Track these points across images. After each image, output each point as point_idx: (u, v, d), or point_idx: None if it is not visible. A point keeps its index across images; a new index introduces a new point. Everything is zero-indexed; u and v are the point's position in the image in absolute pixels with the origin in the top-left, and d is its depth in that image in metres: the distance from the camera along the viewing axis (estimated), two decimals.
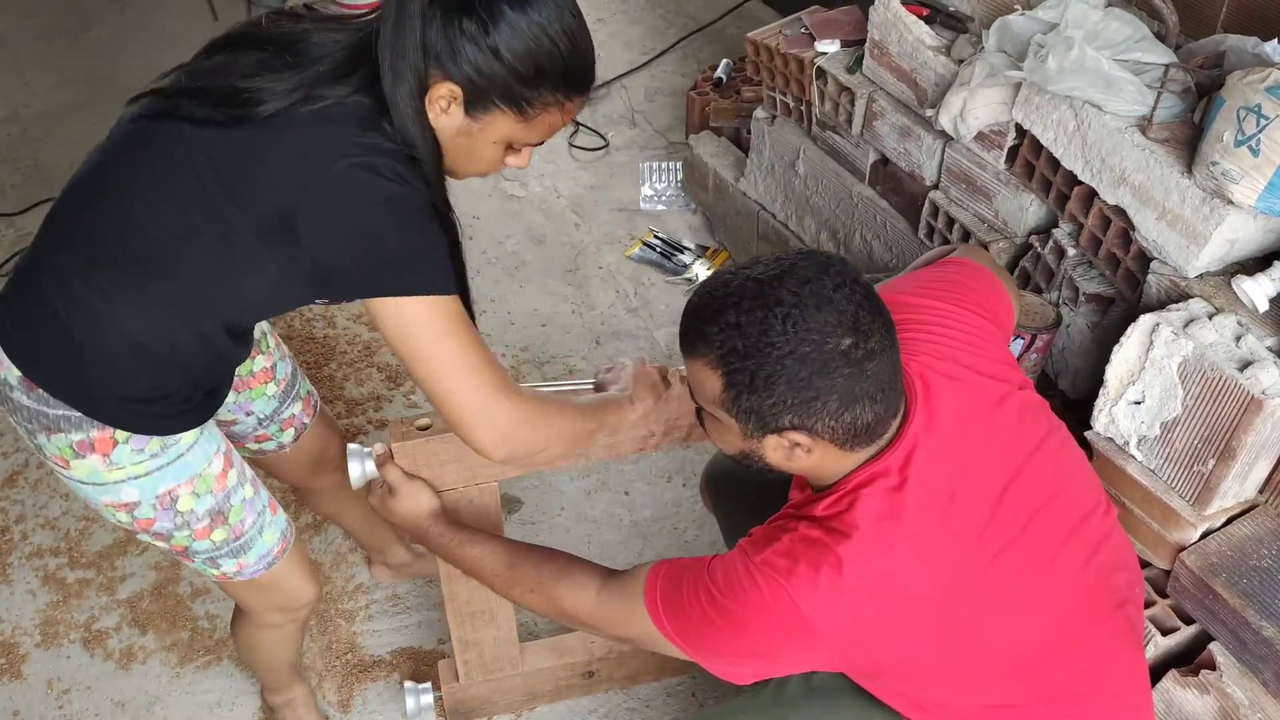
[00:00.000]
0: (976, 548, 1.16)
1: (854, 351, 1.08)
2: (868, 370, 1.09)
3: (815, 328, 1.07)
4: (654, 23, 3.87)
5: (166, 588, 2.11)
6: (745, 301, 1.09)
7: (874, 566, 1.12)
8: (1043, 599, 1.20)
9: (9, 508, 2.27)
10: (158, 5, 3.99)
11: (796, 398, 1.08)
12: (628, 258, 2.89)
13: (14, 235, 2.97)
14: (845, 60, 2.25)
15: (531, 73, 1.16)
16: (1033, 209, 1.89)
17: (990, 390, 1.23)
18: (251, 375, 1.56)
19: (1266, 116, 1.39)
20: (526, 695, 1.88)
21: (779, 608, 1.12)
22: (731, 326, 1.09)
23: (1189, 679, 1.50)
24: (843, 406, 1.09)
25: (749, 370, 1.08)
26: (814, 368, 1.07)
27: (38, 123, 3.44)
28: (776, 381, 1.08)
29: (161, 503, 1.34)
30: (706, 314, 1.11)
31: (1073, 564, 1.22)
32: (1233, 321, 1.47)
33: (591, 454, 1.54)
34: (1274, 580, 1.45)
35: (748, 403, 1.10)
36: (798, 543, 1.14)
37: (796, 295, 1.08)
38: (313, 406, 1.70)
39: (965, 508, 1.16)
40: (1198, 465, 1.47)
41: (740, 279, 1.11)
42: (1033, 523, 1.19)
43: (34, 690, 1.96)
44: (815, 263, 1.11)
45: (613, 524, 2.23)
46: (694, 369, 1.14)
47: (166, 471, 1.33)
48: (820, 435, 1.11)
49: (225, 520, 1.40)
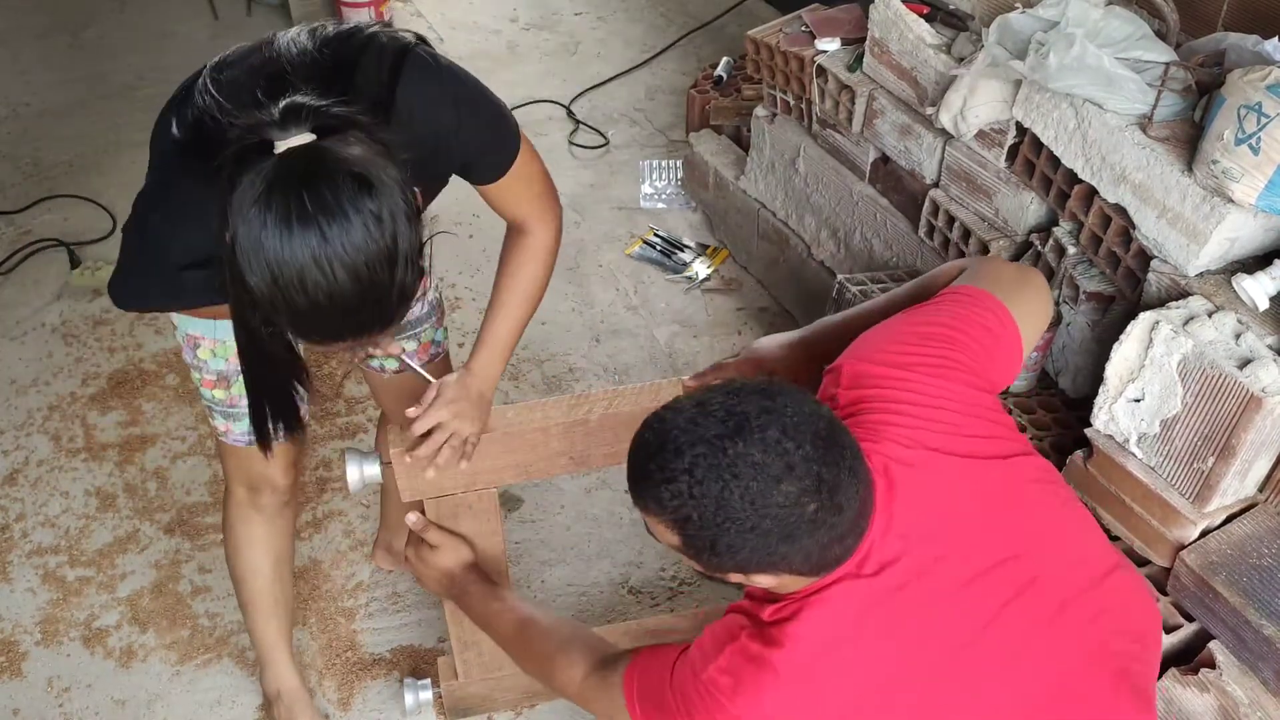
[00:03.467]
0: (927, 643, 1.09)
1: (819, 514, 1.02)
2: (834, 524, 1.03)
3: (778, 501, 1.00)
4: (654, 21, 3.86)
5: (166, 586, 2.11)
6: (698, 470, 1.01)
7: (810, 684, 1.07)
8: (1021, 681, 1.12)
9: (9, 506, 2.27)
10: (158, 3, 3.99)
11: (762, 558, 1.03)
12: (628, 256, 2.89)
13: (14, 233, 2.97)
14: (846, 58, 2.25)
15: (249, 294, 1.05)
16: (1033, 207, 1.89)
17: (965, 471, 1.15)
18: None
19: (1267, 115, 1.39)
20: (525, 693, 1.88)
21: None
22: (684, 495, 1.01)
23: (1189, 677, 1.50)
24: (807, 554, 1.04)
25: (707, 539, 1.03)
26: (778, 537, 1.01)
27: (38, 121, 3.43)
28: (738, 550, 1.03)
29: (188, 341, 1.49)
30: (656, 476, 1.03)
31: (1059, 640, 1.13)
32: (1232, 319, 1.47)
33: (592, 463, 1.54)
34: (1274, 579, 1.45)
35: (709, 561, 1.06)
36: (738, 657, 1.10)
37: (754, 467, 1.00)
38: (429, 355, 1.71)
39: (926, 597, 1.09)
40: (1197, 463, 1.47)
41: (690, 438, 1.02)
42: (1012, 604, 1.11)
43: (34, 688, 1.96)
44: (772, 415, 1.02)
45: (613, 522, 2.23)
46: (648, 519, 1.08)
47: (199, 323, 1.46)
48: (784, 573, 1.06)
49: (227, 387, 1.52)
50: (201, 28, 3.86)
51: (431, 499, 1.52)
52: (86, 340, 2.64)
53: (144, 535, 2.20)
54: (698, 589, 2.10)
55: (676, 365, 2.56)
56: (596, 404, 1.50)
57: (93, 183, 3.13)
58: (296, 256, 1.01)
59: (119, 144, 3.27)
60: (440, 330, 1.72)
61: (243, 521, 1.71)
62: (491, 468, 1.50)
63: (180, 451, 2.37)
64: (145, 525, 2.22)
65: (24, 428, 2.43)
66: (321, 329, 1.10)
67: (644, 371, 2.56)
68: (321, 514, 2.24)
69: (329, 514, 2.24)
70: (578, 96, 3.45)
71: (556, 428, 1.49)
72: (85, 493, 2.29)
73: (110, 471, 2.33)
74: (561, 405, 1.51)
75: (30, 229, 2.97)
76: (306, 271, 1.01)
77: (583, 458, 1.52)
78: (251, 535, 1.73)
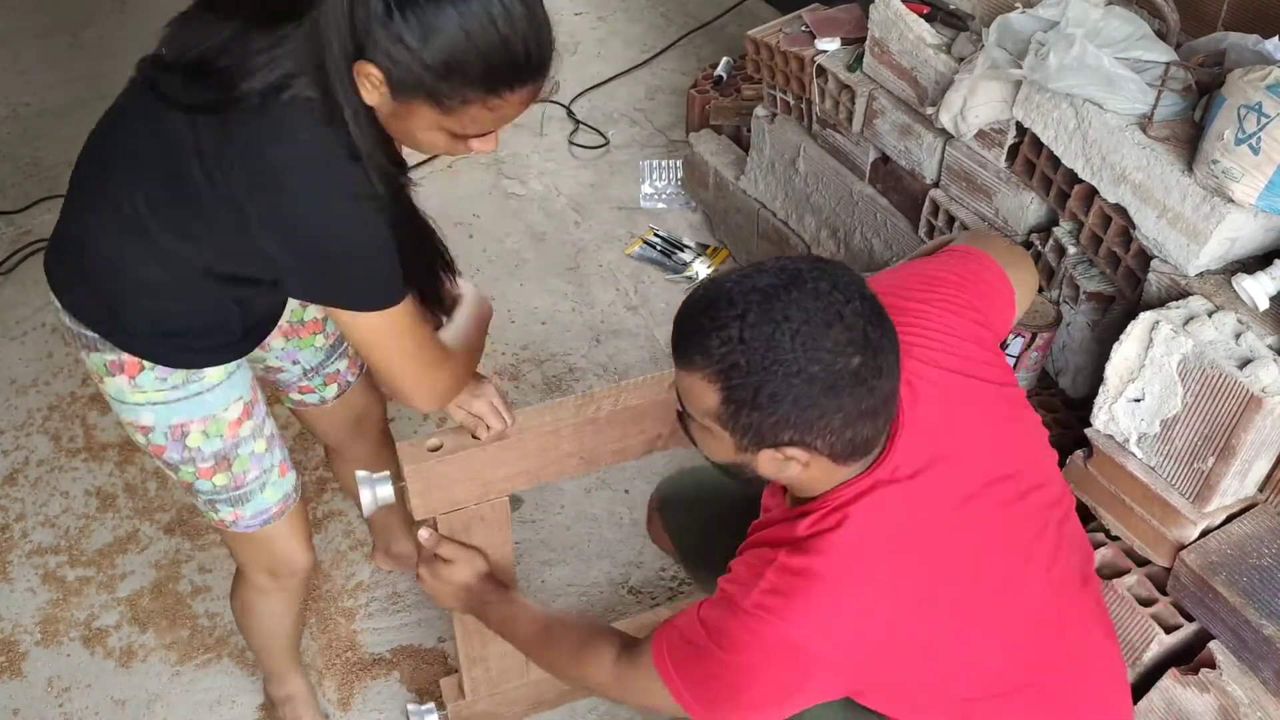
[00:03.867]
0: (959, 547, 1.15)
1: (863, 370, 1.04)
2: (874, 388, 1.06)
3: (826, 346, 1.03)
4: (654, 21, 3.86)
5: (166, 586, 2.11)
6: (750, 314, 1.04)
7: (861, 580, 1.10)
8: (1021, 591, 1.20)
9: (9, 506, 2.27)
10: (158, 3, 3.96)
11: (800, 416, 1.04)
12: (628, 256, 2.89)
13: (14, 233, 2.97)
14: (846, 58, 2.25)
15: (442, 68, 1.08)
16: (1033, 207, 1.89)
17: (974, 392, 1.22)
18: (302, 324, 1.58)
19: (1267, 115, 1.39)
20: (532, 704, 1.87)
21: (777, 648, 1.10)
22: (734, 341, 1.04)
23: (1189, 677, 1.50)
24: (846, 424, 1.06)
25: (752, 386, 1.04)
26: (822, 387, 1.03)
27: (38, 121, 3.43)
28: (781, 400, 1.04)
29: (172, 434, 1.38)
30: (706, 325, 1.06)
31: (1045, 553, 1.23)
32: (1232, 319, 1.47)
33: (601, 461, 1.54)
34: (1274, 578, 1.45)
35: (746, 419, 1.06)
36: (781, 575, 1.11)
37: (806, 311, 1.03)
38: (359, 366, 1.71)
39: (947, 509, 1.15)
40: (1197, 463, 1.47)
41: (744, 288, 1.05)
42: (1010, 517, 1.19)
43: (34, 688, 1.97)
44: (823, 273, 1.06)
45: (613, 522, 2.23)
46: (688, 380, 1.10)
47: (182, 405, 1.37)
48: (818, 451, 1.08)
49: (229, 467, 1.43)
50: None
51: (445, 514, 1.51)
52: None
53: (144, 535, 2.21)
54: (698, 590, 2.10)
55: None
56: (604, 400, 1.50)
57: None
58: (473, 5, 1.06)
59: None
60: None
61: (263, 598, 1.66)
62: (505, 475, 1.49)
63: None
64: (145, 525, 2.22)
65: (24, 428, 2.43)
66: (512, 67, 1.11)
67: (644, 371, 2.55)
68: (322, 514, 2.24)
69: (329, 514, 2.24)
70: (578, 96, 3.45)
71: (567, 429, 1.49)
72: (85, 493, 2.29)
73: (110, 471, 2.33)
74: (569, 406, 1.50)
75: (30, 229, 2.97)
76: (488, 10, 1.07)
77: (593, 457, 1.52)
78: (273, 609, 1.69)
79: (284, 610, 1.71)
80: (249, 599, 1.67)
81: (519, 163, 3.19)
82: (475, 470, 1.47)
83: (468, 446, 1.45)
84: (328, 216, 1.16)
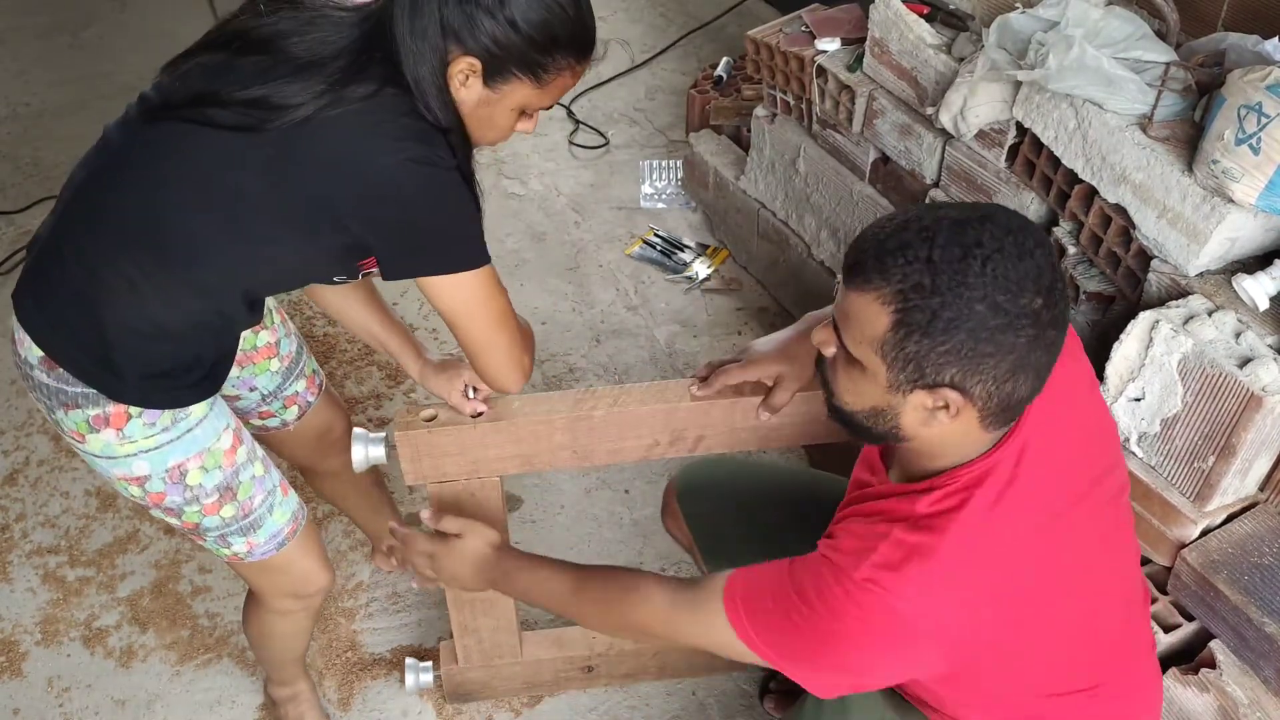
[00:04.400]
0: (1070, 544, 1.14)
1: (1043, 314, 1.00)
2: (1046, 338, 1.02)
3: (1015, 279, 0.99)
4: (654, 21, 3.87)
5: (166, 586, 2.11)
6: (940, 237, 1.00)
7: (977, 566, 1.08)
8: (1106, 589, 1.21)
9: (9, 506, 2.27)
10: (158, 3, 3.98)
11: (974, 349, 1.00)
12: (628, 256, 2.89)
13: (14, 233, 2.97)
14: (846, 58, 2.25)
15: (546, 40, 1.21)
16: (1033, 207, 1.89)
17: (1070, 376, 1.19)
18: (255, 350, 1.58)
19: (1267, 115, 1.39)
20: (525, 684, 1.89)
21: (885, 621, 1.08)
22: (922, 260, 0.99)
23: (1189, 677, 1.50)
24: (1010, 372, 1.02)
25: (932, 309, 0.99)
26: (1003, 321, 0.99)
27: (38, 121, 3.44)
28: (958, 327, 0.99)
29: (171, 476, 1.37)
30: (891, 245, 1.01)
31: (1124, 550, 1.24)
32: (1232, 318, 1.47)
33: (595, 459, 1.54)
34: (1275, 577, 1.45)
35: (916, 345, 1.01)
36: (899, 550, 1.09)
37: (999, 241, 0.99)
38: (317, 385, 1.72)
39: (1061, 498, 1.14)
40: (1198, 462, 1.48)
41: (932, 216, 1.02)
42: (1108, 516, 1.19)
43: (34, 688, 1.97)
44: (1015, 216, 1.03)
45: (613, 522, 2.23)
46: (858, 303, 1.04)
47: (176, 445, 1.36)
48: (974, 400, 1.03)
49: (234, 496, 1.42)
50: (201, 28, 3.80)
51: (435, 484, 1.52)
52: None
53: (144, 535, 2.21)
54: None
55: (677, 365, 2.57)
56: (601, 401, 1.50)
57: None
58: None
59: None
60: (312, 359, 1.72)
61: (285, 620, 1.65)
62: (496, 456, 1.51)
63: None
64: (145, 525, 2.22)
65: (24, 428, 2.43)
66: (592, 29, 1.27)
67: (644, 371, 2.56)
68: (322, 514, 2.24)
69: (329, 514, 2.24)
70: (578, 96, 3.45)
71: (561, 420, 1.49)
72: (85, 493, 2.29)
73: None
74: (567, 399, 1.51)
75: (30, 229, 2.97)
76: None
77: (586, 452, 1.52)
78: (293, 629, 1.69)
79: (303, 628, 1.71)
80: (268, 623, 1.66)
81: (519, 163, 3.20)
82: (466, 445, 1.48)
83: (460, 421, 1.47)
84: (418, 184, 1.20)
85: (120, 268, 1.26)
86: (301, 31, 1.24)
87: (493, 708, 1.91)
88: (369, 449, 1.51)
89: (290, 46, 1.22)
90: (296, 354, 1.66)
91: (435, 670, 1.86)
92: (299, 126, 1.18)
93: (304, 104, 1.18)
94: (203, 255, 1.25)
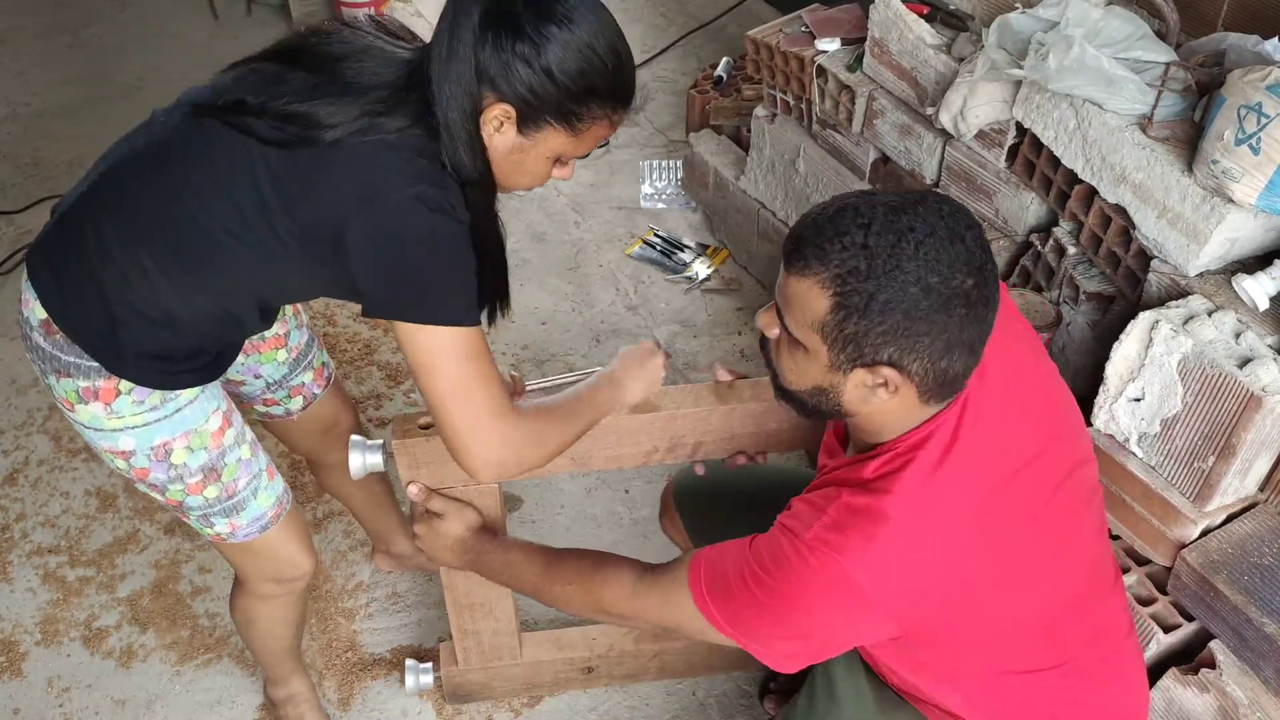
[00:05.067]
0: (1013, 505, 1.15)
1: (973, 293, 1.05)
2: (980, 317, 1.07)
3: (947, 261, 1.03)
4: (654, 21, 3.87)
5: (166, 586, 2.11)
6: (875, 224, 1.04)
7: (923, 523, 1.10)
8: (1067, 566, 1.21)
9: (9, 506, 2.27)
10: (158, 4, 3.99)
11: (909, 329, 1.04)
12: (628, 256, 2.89)
13: (14, 233, 2.97)
14: (845, 58, 2.25)
15: (582, 90, 1.19)
16: (1033, 207, 1.89)
17: (1020, 355, 1.22)
18: (263, 340, 1.59)
19: (1267, 115, 1.39)
20: (525, 685, 1.89)
21: (832, 581, 1.10)
22: (857, 246, 1.04)
23: (1189, 677, 1.50)
24: (945, 349, 1.06)
25: (868, 292, 1.03)
26: (936, 301, 1.03)
27: (38, 121, 3.44)
28: (894, 309, 1.03)
29: (156, 454, 1.38)
30: (828, 231, 1.05)
31: (1087, 527, 1.25)
32: (1232, 318, 1.47)
33: (593, 465, 1.54)
34: (1275, 577, 1.45)
35: (854, 327, 1.05)
36: (844, 512, 1.11)
37: (931, 225, 1.04)
38: (325, 378, 1.72)
39: (1006, 465, 1.15)
40: (1198, 462, 1.48)
41: (868, 203, 1.06)
42: (1062, 485, 1.20)
43: (34, 688, 1.97)
44: (946, 201, 1.08)
45: (613, 522, 2.23)
46: (798, 287, 1.08)
47: (163, 424, 1.36)
48: (911, 377, 1.08)
49: (218, 478, 1.43)
50: (201, 28, 3.86)
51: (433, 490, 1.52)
52: None
53: (144, 535, 2.21)
54: None
55: (677, 365, 2.57)
56: None
57: None
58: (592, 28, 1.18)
59: None
60: (323, 351, 1.73)
61: (266, 605, 1.65)
62: None
63: None
64: (145, 525, 2.22)
65: (24, 428, 2.43)
66: (631, 78, 1.24)
67: None
68: (322, 514, 2.24)
69: (329, 514, 2.24)
70: None
71: None
72: (85, 493, 2.29)
73: (110, 472, 2.33)
74: None
75: (30, 229, 2.97)
76: (606, 35, 1.20)
77: (584, 459, 1.52)
78: (276, 615, 1.69)
79: (287, 615, 1.71)
80: (251, 608, 1.66)
81: None
82: None
83: None
84: (421, 225, 1.18)
85: (136, 256, 1.26)
86: (355, 58, 1.24)
87: (492, 708, 1.91)
88: (366, 456, 1.50)
89: (341, 70, 1.23)
90: (305, 346, 1.66)
91: (435, 672, 1.86)
92: (328, 149, 1.19)
93: (337, 126, 1.18)
94: (218, 260, 1.26)
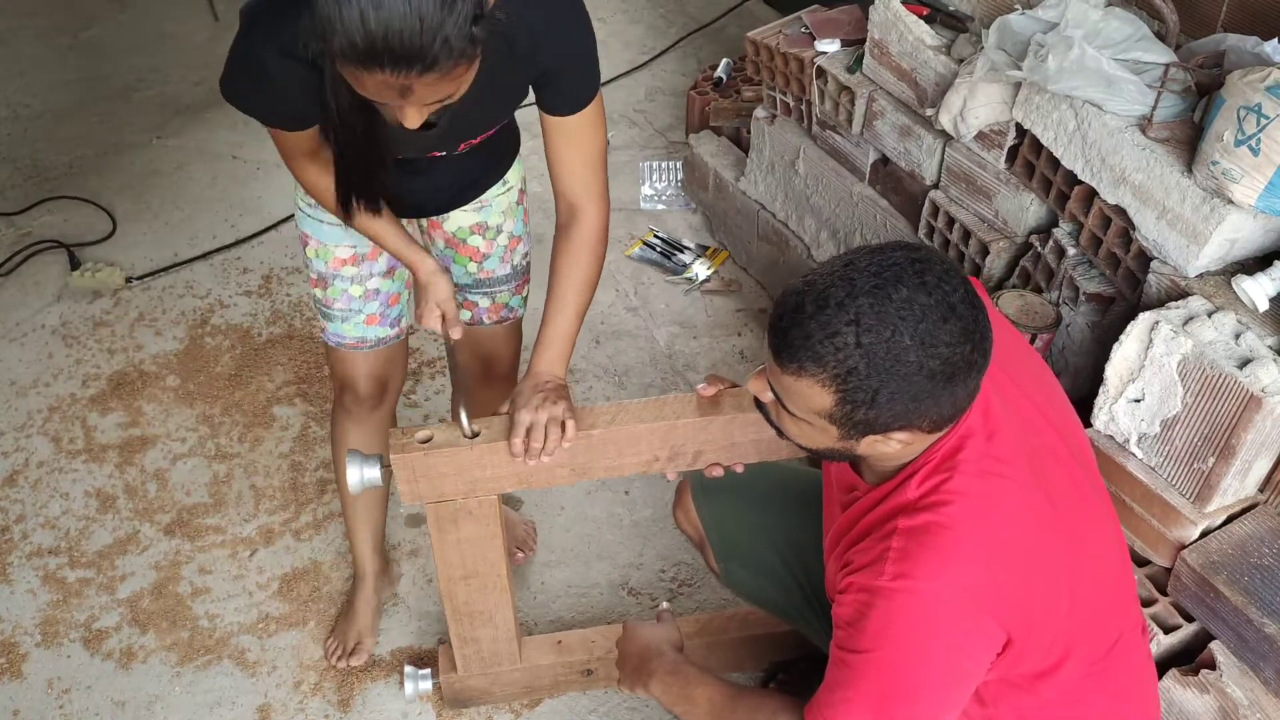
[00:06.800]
0: (1044, 496, 1.16)
1: (973, 356, 1.06)
2: (980, 366, 1.08)
3: (945, 340, 1.03)
4: (654, 22, 3.87)
5: (166, 587, 2.11)
6: (865, 319, 1.02)
7: (988, 520, 1.10)
8: (1097, 543, 1.22)
9: (9, 507, 2.27)
10: (158, 4, 3.99)
11: (918, 407, 1.06)
12: (628, 257, 2.89)
13: (14, 234, 2.97)
14: (845, 60, 2.25)
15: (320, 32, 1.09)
16: (1033, 208, 1.89)
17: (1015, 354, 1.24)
18: (463, 244, 1.71)
19: (1267, 116, 1.39)
20: (525, 688, 1.89)
21: (927, 609, 1.08)
22: (851, 347, 1.03)
23: (1189, 678, 1.50)
24: (954, 402, 1.08)
25: (871, 389, 1.04)
26: (940, 379, 1.04)
27: (37, 122, 3.44)
28: (899, 397, 1.04)
29: (301, 239, 1.68)
30: (816, 333, 1.04)
31: (1101, 510, 1.26)
32: (1232, 319, 1.47)
33: (593, 475, 1.53)
34: (1275, 578, 1.45)
35: (862, 415, 1.06)
36: (908, 539, 1.10)
37: (922, 309, 1.02)
38: (500, 317, 1.79)
39: (1024, 459, 1.15)
40: (1198, 463, 1.48)
41: (847, 289, 1.03)
42: (1072, 474, 1.21)
43: (34, 690, 1.96)
44: (924, 264, 1.05)
45: (613, 523, 2.23)
46: (795, 384, 1.08)
47: (308, 221, 1.64)
48: (921, 429, 1.09)
49: (325, 287, 1.68)
50: (201, 28, 3.86)
51: (432, 504, 1.52)
52: (86, 342, 2.64)
53: (144, 536, 2.21)
54: (697, 590, 2.10)
55: (676, 366, 2.57)
56: (599, 418, 1.48)
57: (92, 184, 3.13)
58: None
59: (119, 145, 3.28)
60: (518, 298, 1.80)
61: (336, 423, 1.84)
62: (492, 476, 1.49)
63: (180, 453, 2.37)
64: (145, 526, 2.22)
65: (24, 429, 2.43)
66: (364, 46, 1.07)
67: (644, 373, 2.56)
68: (322, 514, 2.24)
69: (329, 514, 2.24)
70: None
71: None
72: (85, 494, 2.29)
73: (110, 473, 2.33)
74: None
75: (30, 230, 2.98)
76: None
77: (584, 469, 1.51)
78: (340, 436, 1.84)
79: (350, 440, 1.81)
80: (334, 416, 1.85)
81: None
82: (462, 466, 1.48)
83: (456, 442, 1.46)
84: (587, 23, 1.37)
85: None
86: None
87: (492, 709, 1.91)
88: (364, 470, 1.50)
89: None
90: (497, 279, 1.75)
91: (434, 677, 1.86)
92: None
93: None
94: None
